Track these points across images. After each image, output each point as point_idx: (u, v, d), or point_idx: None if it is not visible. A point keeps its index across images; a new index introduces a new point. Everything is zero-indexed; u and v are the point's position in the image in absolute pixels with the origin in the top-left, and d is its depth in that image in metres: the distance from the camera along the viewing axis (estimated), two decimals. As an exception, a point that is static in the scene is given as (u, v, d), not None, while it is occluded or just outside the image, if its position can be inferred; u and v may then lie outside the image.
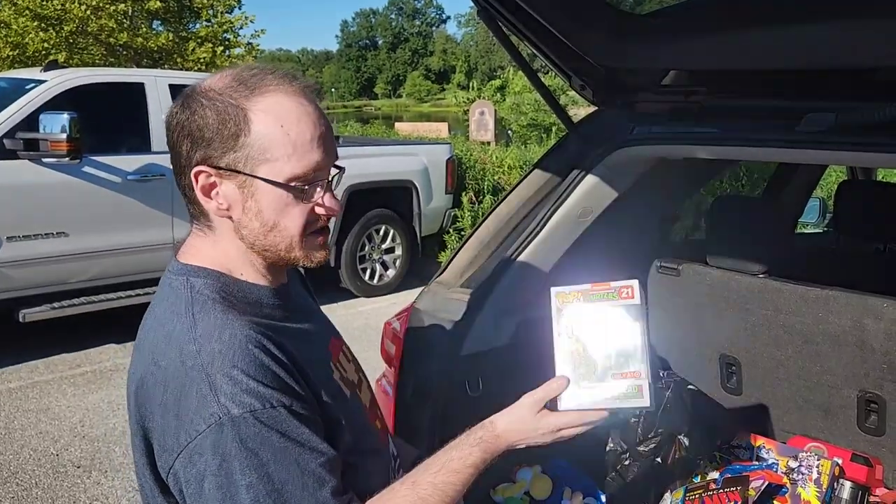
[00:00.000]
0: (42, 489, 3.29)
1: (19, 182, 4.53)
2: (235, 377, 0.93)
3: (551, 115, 15.92)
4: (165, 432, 0.96)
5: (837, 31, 1.43)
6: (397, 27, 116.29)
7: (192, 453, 0.93)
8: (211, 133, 0.99)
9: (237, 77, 1.02)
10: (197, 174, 1.01)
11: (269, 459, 0.92)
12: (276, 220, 1.03)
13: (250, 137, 0.99)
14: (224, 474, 0.91)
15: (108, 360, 4.88)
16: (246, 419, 0.92)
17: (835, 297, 1.83)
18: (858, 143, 1.50)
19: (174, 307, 1.01)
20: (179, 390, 0.94)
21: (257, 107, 1.00)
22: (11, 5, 11.41)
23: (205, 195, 1.03)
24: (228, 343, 0.95)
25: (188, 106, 1.01)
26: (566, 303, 1.19)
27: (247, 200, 1.02)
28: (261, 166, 1.00)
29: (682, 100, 1.85)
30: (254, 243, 1.05)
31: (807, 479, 1.79)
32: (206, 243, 1.08)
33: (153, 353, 0.99)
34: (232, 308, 1.01)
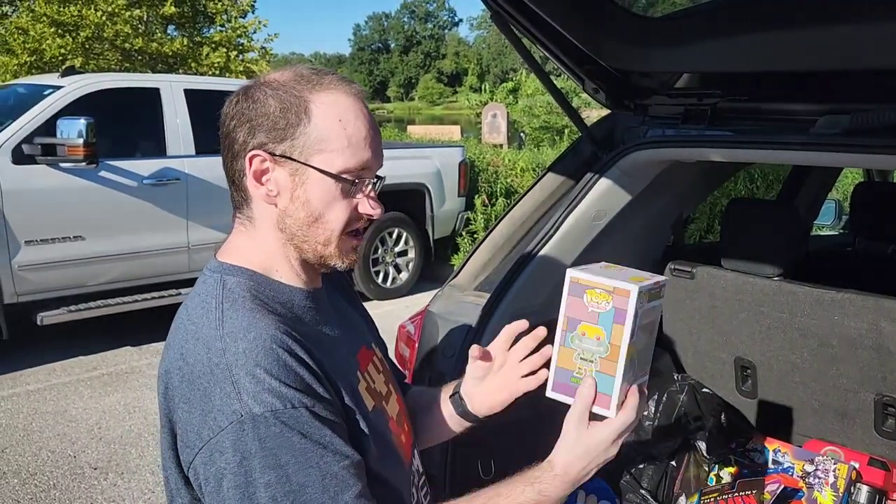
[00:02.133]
0: (60, 490, 3.32)
1: (37, 187, 4.59)
2: (258, 376, 0.94)
3: (564, 117, 15.89)
4: (188, 428, 0.96)
5: (851, 33, 1.43)
6: (409, 30, 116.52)
7: (213, 450, 0.93)
8: (271, 120, 1.03)
9: (299, 73, 1.07)
10: (252, 158, 1.04)
11: (288, 460, 0.92)
12: (322, 211, 1.06)
13: (309, 127, 1.03)
14: (243, 473, 0.92)
15: (124, 362, 4.93)
16: (267, 418, 0.92)
17: (851, 300, 1.82)
18: (873, 145, 1.50)
19: (205, 304, 1.03)
20: (204, 387, 0.95)
21: (319, 100, 1.04)
22: (29, 12, 11.54)
23: (256, 180, 1.06)
24: (253, 342, 0.96)
25: (250, 95, 1.06)
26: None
27: (296, 188, 1.05)
28: (315, 156, 1.04)
29: (695, 102, 1.85)
30: (295, 234, 1.07)
31: (823, 483, 1.78)
32: (245, 238, 1.11)
33: (182, 349, 1.00)
34: (262, 307, 1.02)
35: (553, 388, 1.08)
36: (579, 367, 1.07)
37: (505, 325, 1.26)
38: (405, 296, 6.55)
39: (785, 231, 2.07)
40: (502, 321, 1.86)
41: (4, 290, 4.49)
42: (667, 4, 1.96)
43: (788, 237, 2.07)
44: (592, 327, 1.06)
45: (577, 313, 1.07)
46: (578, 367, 1.07)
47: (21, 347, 4.90)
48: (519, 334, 1.27)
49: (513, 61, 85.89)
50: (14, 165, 4.51)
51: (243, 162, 1.05)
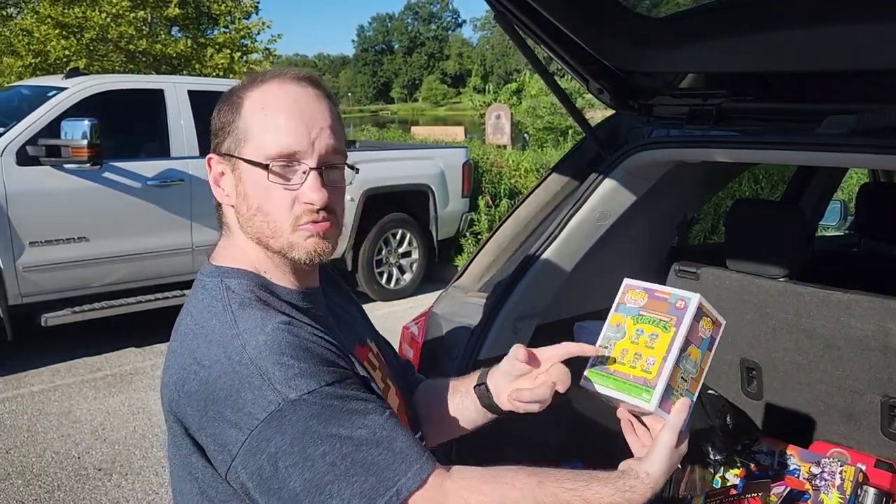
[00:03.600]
0: (64, 492, 3.32)
1: (41, 188, 4.60)
2: (286, 363, 0.95)
3: (567, 118, 15.88)
4: (222, 428, 0.96)
5: (856, 33, 1.42)
6: (413, 31, 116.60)
7: (259, 441, 0.94)
8: (217, 124, 1.08)
9: (248, 78, 1.09)
10: (209, 161, 1.08)
11: (337, 427, 0.95)
12: (260, 203, 1.05)
13: (238, 122, 1.05)
14: (298, 451, 0.94)
15: (128, 363, 4.93)
16: (305, 400, 0.94)
17: (857, 301, 1.81)
18: (879, 145, 1.49)
19: (211, 308, 1.03)
20: (230, 386, 0.95)
21: (250, 94, 1.06)
22: (33, 14, 11.57)
23: (215, 184, 1.09)
24: (272, 334, 0.97)
25: (220, 101, 1.09)
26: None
27: (238, 184, 1.06)
28: (243, 147, 1.05)
29: (700, 103, 1.84)
30: (248, 231, 1.08)
31: (830, 485, 1.77)
32: (226, 242, 1.12)
33: (194, 354, 1.00)
34: (268, 305, 1.03)
35: (659, 403, 1.13)
36: (678, 385, 1.14)
37: (572, 344, 1.24)
38: (409, 297, 6.54)
39: (790, 232, 2.06)
40: (506, 322, 1.86)
41: (9, 291, 4.50)
42: (671, 4, 1.95)
43: (794, 238, 2.06)
44: (696, 351, 1.16)
45: (693, 336, 1.16)
46: (678, 385, 1.14)
47: (25, 349, 4.91)
48: None
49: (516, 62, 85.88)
50: (18, 167, 4.52)
51: (207, 169, 1.09)
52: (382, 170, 6.30)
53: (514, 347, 1.23)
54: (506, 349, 1.86)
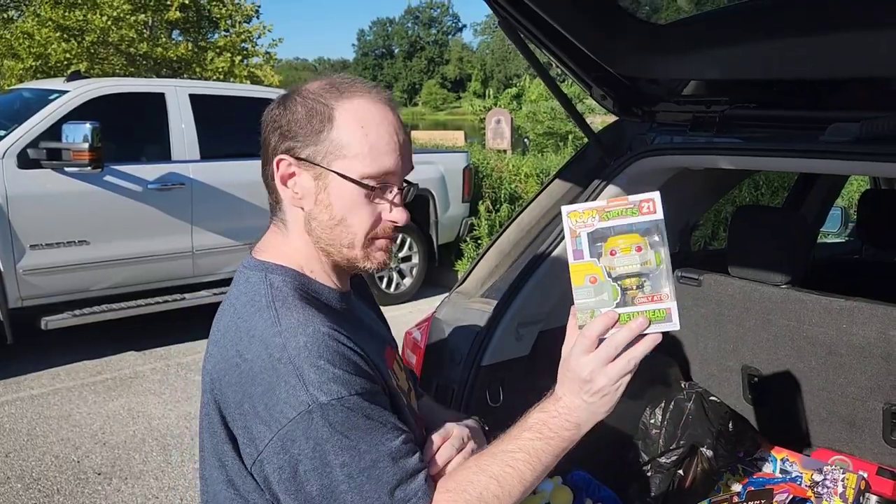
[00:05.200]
0: (63, 495, 3.32)
1: (42, 191, 4.59)
2: (322, 367, 0.98)
3: (568, 123, 15.91)
4: (253, 422, 1.00)
5: (860, 41, 1.43)
6: (413, 36, 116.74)
7: (284, 440, 0.98)
8: (298, 127, 1.09)
9: (331, 81, 1.12)
10: (279, 161, 1.10)
11: (358, 440, 0.98)
12: (344, 215, 1.09)
13: (332, 133, 1.08)
14: (318, 456, 0.97)
15: (128, 367, 4.93)
16: (334, 406, 0.97)
17: (859, 308, 1.81)
18: (884, 153, 1.49)
19: (254, 303, 1.06)
20: (268, 382, 0.99)
21: (343, 106, 1.08)
22: (35, 17, 11.59)
23: (283, 183, 1.11)
24: (313, 336, 1.01)
25: (283, 103, 1.12)
26: (581, 222, 1.07)
27: (320, 192, 1.09)
28: (337, 161, 1.08)
29: (703, 110, 1.85)
30: (320, 237, 1.11)
31: (832, 492, 1.77)
32: (278, 238, 1.15)
33: (237, 346, 1.03)
34: (309, 304, 1.06)
35: None
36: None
37: None
38: (409, 301, 6.54)
39: (792, 238, 2.06)
40: (509, 328, 1.86)
41: (9, 294, 4.50)
42: (674, 11, 1.96)
43: (796, 245, 2.06)
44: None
45: None
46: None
47: (25, 352, 4.90)
48: None
49: (516, 67, 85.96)
50: (19, 170, 4.52)
51: (272, 165, 1.10)
52: (383, 174, 6.29)
53: None
54: (508, 355, 1.88)
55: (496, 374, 1.82)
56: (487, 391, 1.81)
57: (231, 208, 5.40)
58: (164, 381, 4.69)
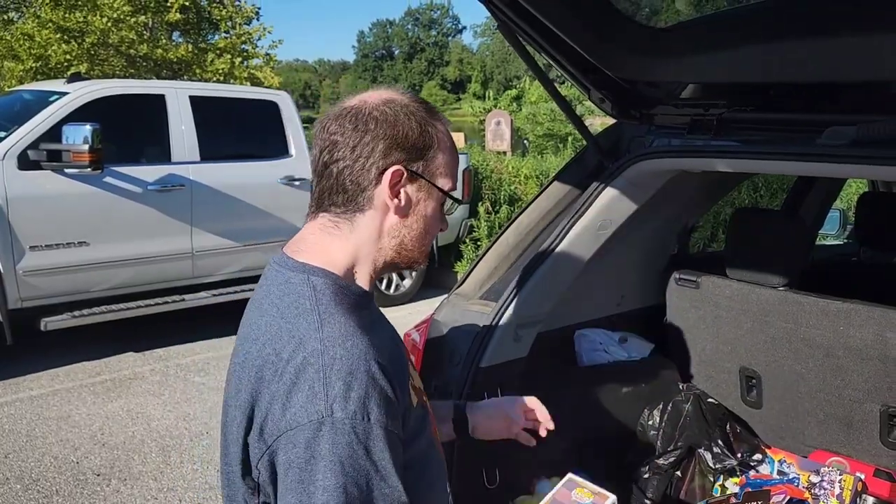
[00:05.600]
0: (62, 496, 3.32)
1: (42, 192, 4.60)
2: (349, 384, 1.00)
3: (567, 125, 15.91)
4: (269, 417, 1.02)
5: (858, 44, 1.43)
6: (413, 37, 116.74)
7: (288, 442, 0.99)
8: (411, 141, 1.14)
9: (417, 98, 1.20)
10: (395, 171, 1.13)
11: (349, 471, 0.98)
12: (431, 225, 1.20)
13: (437, 152, 1.17)
14: (308, 470, 0.98)
15: (127, 368, 4.93)
16: (344, 425, 0.98)
17: (856, 311, 1.81)
18: (880, 156, 1.50)
19: (298, 304, 1.09)
20: (293, 382, 1.01)
21: (441, 128, 1.19)
22: (35, 18, 11.60)
23: (391, 190, 1.14)
24: (350, 351, 1.03)
25: (394, 111, 1.14)
26: None
27: (419, 203, 1.17)
28: (439, 178, 1.18)
29: (701, 113, 1.85)
30: (404, 243, 1.18)
31: (829, 494, 1.77)
32: (334, 240, 1.16)
33: (275, 345, 1.06)
34: (350, 314, 1.09)
35: None
36: None
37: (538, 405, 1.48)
38: (408, 303, 6.54)
39: (790, 241, 2.07)
40: (508, 330, 1.87)
41: (9, 295, 4.50)
42: (673, 15, 1.97)
43: (794, 247, 2.07)
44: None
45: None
46: None
47: (25, 353, 4.90)
48: None
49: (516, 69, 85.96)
50: (19, 171, 4.53)
51: (376, 173, 1.13)
52: (383, 176, 6.30)
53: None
54: (507, 356, 1.88)
55: (495, 376, 1.83)
56: (486, 392, 1.81)
57: (231, 210, 5.41)
58: (163, 382, 4.70)
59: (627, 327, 2.28)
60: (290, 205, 5.71)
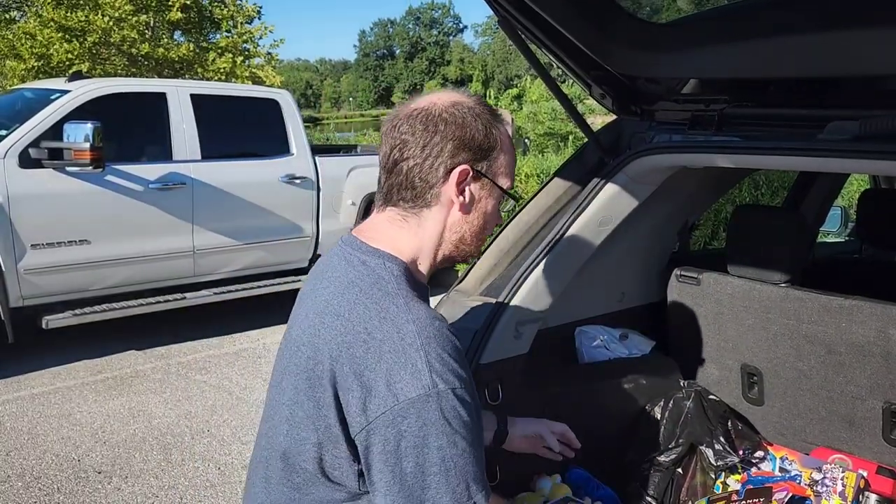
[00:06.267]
0: (64, 494, 3.32)
1: (43, 191, 4.60)
2: (445, 359, 1.11)
3: (568, 123, 15.91)
4: (370, 395, 1.09)
5: (859, 38, 1.43)
6: (414, 37, 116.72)
7: (397, 416, 1.08)
8: (477, 142, 1.21)
9: (481, 100, 1.26)
10: (462, 171, 1.21)
11: (458, 428, 1.09)
12: (489, 221, 1.27)
13: (500, 153, 1.24)
14: (422, 436, 1.08)
15: (128, 366, 4.93)
16: (447, 394, 1.09)
17: (858, 307, 1.81)
18: (883, 151, 1.49)
19: (380, 286, 1.17)
20: (395, 361, 1.09)
21: (503, 130, 1.25)
22: (37, 17, 11.61)
23: (457, 187, 1.21)
24: (439, 330, 1.13)
25: (462, 114, 1.21)
26: None
27: (481, 201, 1.25)
28: (500, 177, 1.25)
29: (702, 108, 1.85)
30: (464, 238, 1.26)
31: (831, 491, 1.77)
32: (402, 232, 1.24)
33: (365, 324, 1.13)
34: (422, 299, 1.19)
35: None
36: None
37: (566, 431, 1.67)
38: (409, 301, 6.53)
39: (792, 237, 2.06)
40: (508, 326, 1.86)
41: (10, 293, 4.51)
42: (673, 10, 1.96)
43: (795, 244, 2.06)
44: None
45: None
46: None
47: (26, 351, 4.91)
48: None
49: (517, 68, 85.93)
50: (21, 169, 4.53)
51: (444, 172, 1.20)
52: (384, 174, 6.31)
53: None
54: (507, 353, 1.88)
55: (495, 373, 1.82)
56: (486, 389, 1.81)
57: (232, 208, 5.41)
58: (164, 380, 4.70)
59: (628, 324, 2.27)
60: (291, 203, 5.72)
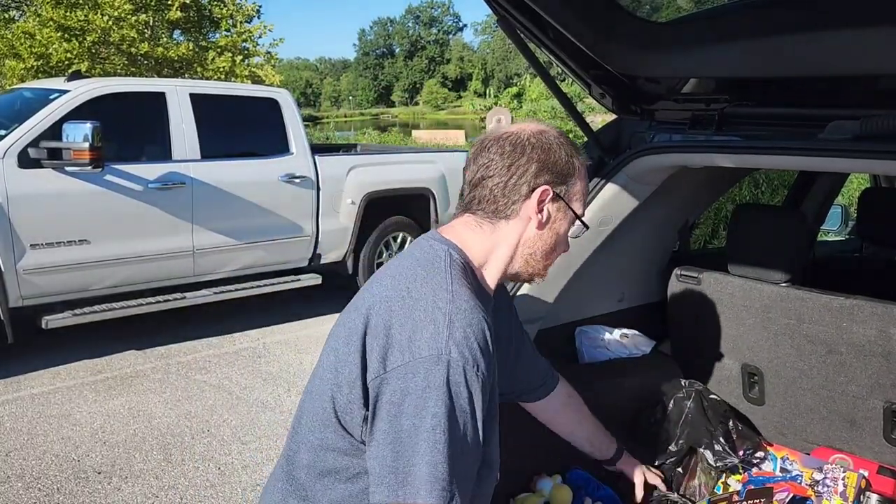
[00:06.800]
0: (63, 495, 3.32)
1: (43, 190, 4.59)
2: (468, 334, 1.15)
3: (568, 122, 15.89)
4: (392, 347, 1.16)
5: (860, 38, 1.42)
6: (414, 35, 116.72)
7: (408, 371, 1.13)
8: (558, 168, 1.32)
9: (563, 134, 1.37)
10: (543, 190, 1.31)
11: (457, 404, 1.13)
12: (560, 242, 1.36)
13: (576, 180, 1.35)
14: (423, 398, 1.12)
15: (128, 366, 4.93)
16: (459, 366, 1.13)
17: (859, 306, 1.80)
18: (883, 150, 1.49)
19: (435, 263, 1.26)
20: (421, 319, 1.16)
21: (582, 161, 1.36)
22: (36, 17, 11.61)
23: (538, 205, 1.31)
24: (473, 310, 1.19)
25: (548, 141, 1.32)
26: None
27: (556, 222, 1.34)
28: (574, 203, 1.35)
29: (702, 108, 1.84)
30: (534, 254, 1.34)
31: (832, 491, 1.76)
32: (476, 236, 1.33)
33: (408, 286, 1.22)
34: (472, 292, 1.23)
35: None
36: None
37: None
38: (409, 300, 6.53)
39: (792, 237, 2.06)
40: (508, 327, 1.86)
41: (10, 293, 4.50)
42: (673, 9, 1.96)
43: (796, 243, 2.06)
44: None
45: None
46: None
47: (26, 351, 4.91)
48: None
49: (517, 66, 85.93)
50: (20, 169, 4.52)
51: (527, 190, 1.30)
52: (383, 173, 6.30)
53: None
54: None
55: (495, 373, 1.82)
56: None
57: (231, 207, 5.40)
58: (164, 380, 4.70)
59: (629, 324, 2.27)
60: (290, 202, 5.71)
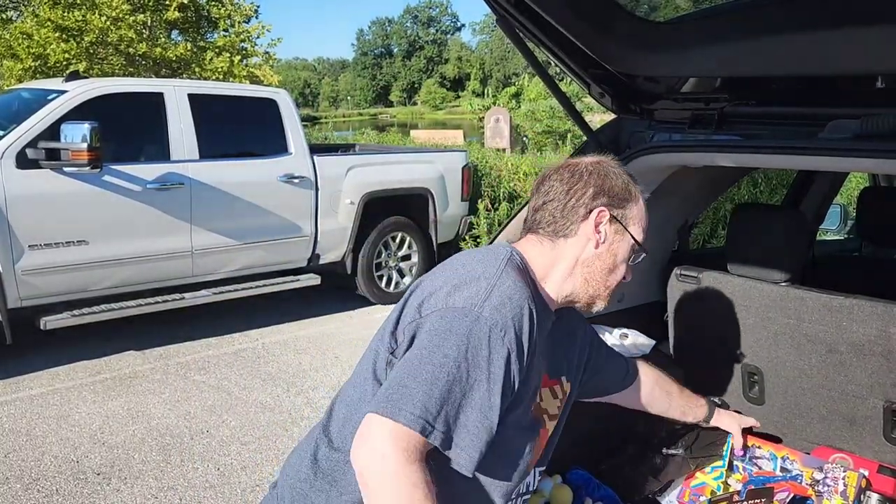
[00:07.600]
0: (62, 496, 3.31)
1: (41, 191, 4.59)
2: (505, 305, 1.22)
3: (566, 121, 15.91)
4: (430, 297, 1.27)
5: (860, 37, 1.42)
6: (412, 35, 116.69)
7: (439, 316, 1.22)
8: (614, 192, 1.40)
9: (621, 166, 1.45)
10: (601, 212, 1.39)
11: (471, 357, 1.18)
12: (617, 265, 1.42)
13: (634, 205, 1.42)
14: (442, 338, 1.19)
15: (127, 367, 4.92)
16: (486, 325, 1.19)
17: (859, 306, 1.80)
18: (884, 150, 1.49)
19: (494, 255, 1.33)
20: (465, 279, 1.27)
21: (639, 190, 1.44)
22: (34, 17, 11.58)
23: (595, 226, 1.39)
24: (518, 292, 1.25)
25: (605, 169, 1.42)
26: None
27: (613, 243, 1.41)
28: (632, 226, 1.42)
29: (702, 107, 1.84)
30: (591, 273, 1.40)
31: (832, 490, 1.76)
32: (535, 247, 1.41)
33: (465, 266, 1.32)
34: (526, 286, 1.28)
35: None
36: None
37: None
38: (408, 300, 6.52)
39: (792, 236, 2.05)
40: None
41: (8, 294, 4.49)
42: (673, 9, 1.95)
43: (795, 242, 2.06)
44: None
45: None
46: None
47: (24, 352, 4.90)
48: None
49: (515, 66, 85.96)
50: (18, 170, 4.51)
51: (584, 212, 1.38)
52: (382, 173, 6.30)
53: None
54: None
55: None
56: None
57: (230, 208, 5.40)
58: (163, 380, 4.69)
59: (628, 323, 2.26)
60: (289, 202, 5.71)
